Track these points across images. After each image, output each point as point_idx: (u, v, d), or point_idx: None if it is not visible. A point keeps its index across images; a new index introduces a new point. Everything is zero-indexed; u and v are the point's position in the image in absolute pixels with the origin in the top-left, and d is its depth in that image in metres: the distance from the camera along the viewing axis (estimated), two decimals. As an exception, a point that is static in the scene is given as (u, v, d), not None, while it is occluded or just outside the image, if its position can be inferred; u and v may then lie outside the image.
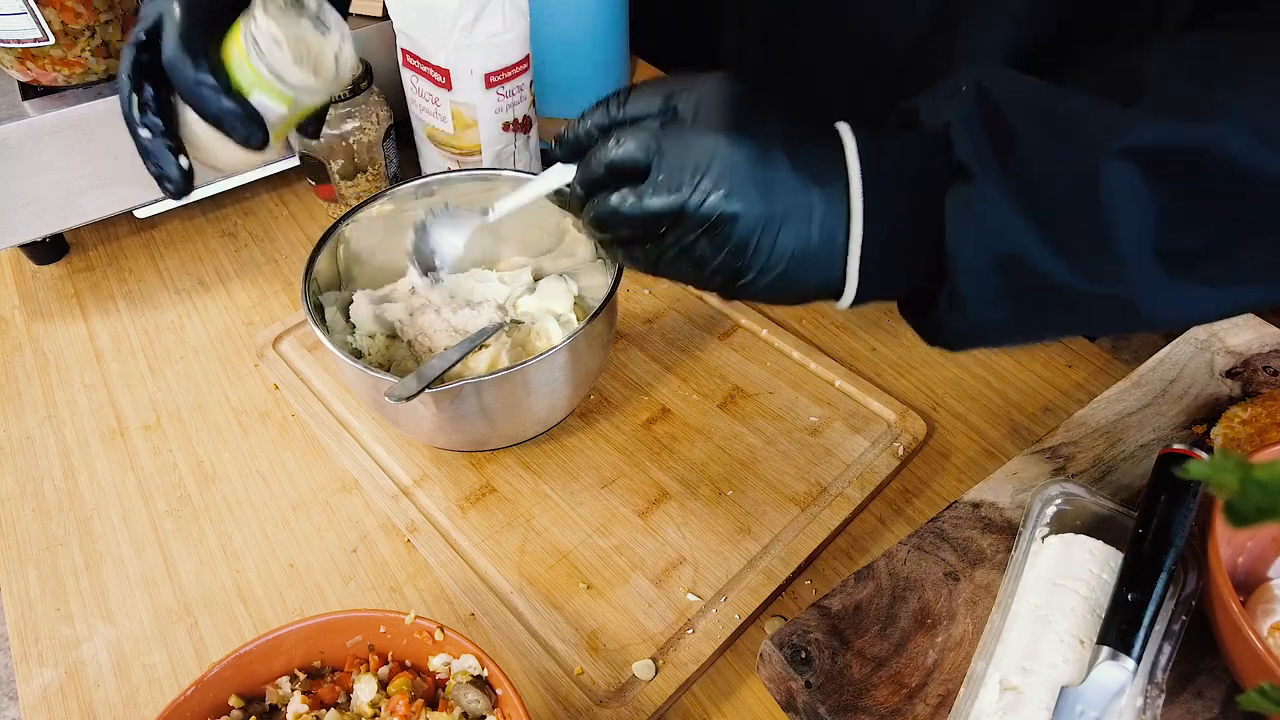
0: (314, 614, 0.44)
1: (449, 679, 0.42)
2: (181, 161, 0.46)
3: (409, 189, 0.63)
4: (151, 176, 0.46)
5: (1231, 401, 0.56)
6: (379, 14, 0.79)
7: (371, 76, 0.75)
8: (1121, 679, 0.41)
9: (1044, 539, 0.48)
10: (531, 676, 0.49)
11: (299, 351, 0.68)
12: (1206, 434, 0.54)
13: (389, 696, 0.42)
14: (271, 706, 0.43)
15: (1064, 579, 0.45)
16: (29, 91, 0.69)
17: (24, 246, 0.75)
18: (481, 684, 0.41)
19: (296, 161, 0.79)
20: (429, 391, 0.49)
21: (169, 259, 0.78)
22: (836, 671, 0.44)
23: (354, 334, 0.62)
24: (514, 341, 0.61)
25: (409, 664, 0.44)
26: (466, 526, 0.57)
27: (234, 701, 0.42)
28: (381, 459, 0.61)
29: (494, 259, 0.68)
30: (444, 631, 0.42)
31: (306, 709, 0.41)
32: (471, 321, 0.62)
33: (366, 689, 0.42)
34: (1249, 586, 0.46)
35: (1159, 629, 0.43)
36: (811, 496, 0.58)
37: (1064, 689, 0.41)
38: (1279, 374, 0.57)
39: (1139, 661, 0.41)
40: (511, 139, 0.74)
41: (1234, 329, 0.60)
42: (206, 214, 0.83)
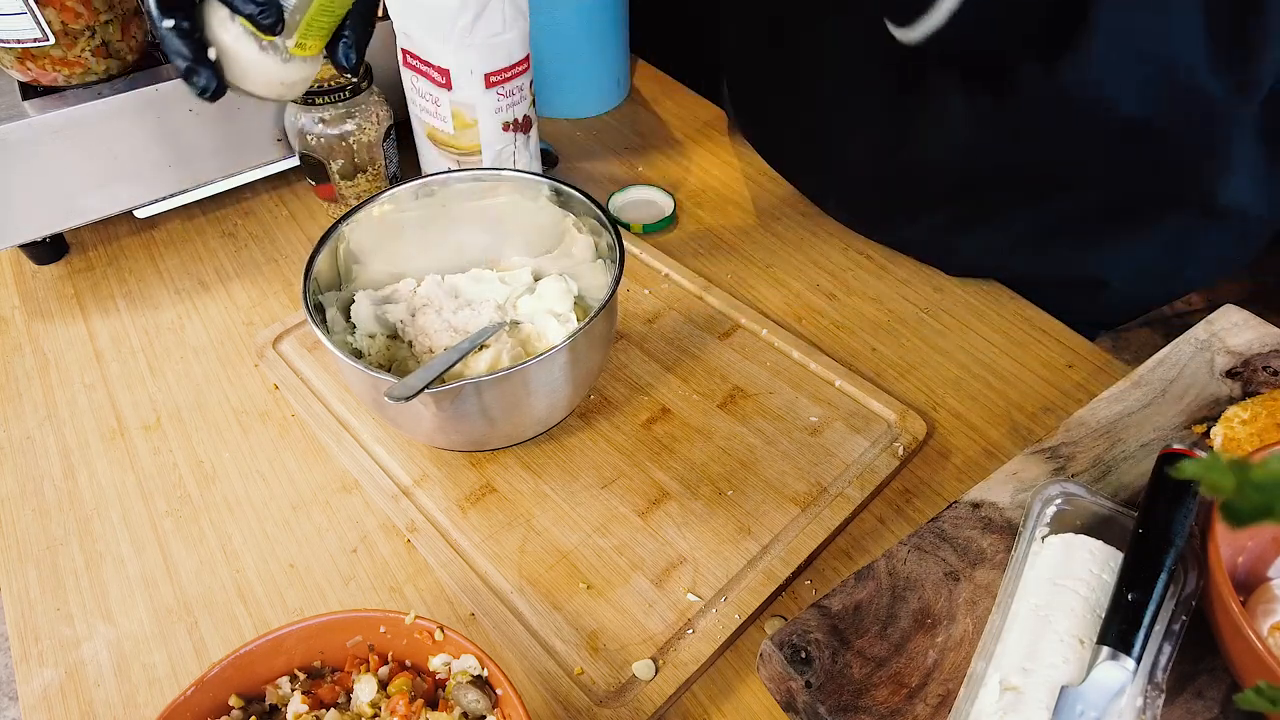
0: (314, 614, 0.44)
1: (449, 679, 0.42)
2: (210, 53, 0.48)
3: (409, 189, 0.63)
4: (181, 78, 0.49)
5: (1231, 401, 0.56)
6: (379, 14, 0.79)
7: (371, 76, 0.75)
8: (1121, 679, 0.41)
9: (1044, 539, 0.48)
10: (531, 676, 0.49)
11: (299, 351, 0.68)
12: (1206, 434, 0.54)
13: (389, 696, 0.42)
14: (271, 706, 0.43)
15: (1064, 579, 0.45)
16: (29, 91, 0.69)
17: (24, 246, 0.75)
18: (481, 684, 0.41)
19: (296, 161, 0.79)
20: (429, 391, 0.49)
21: (169, 259, 0.78)
22: (836, 671, 0.44)
23: (354, 334, 0.62)
24: (514, 341, 0.61)
25: (409, 664, 0.44)
26: (466, 526, 0.57)
27: (234, 701, 0.42)
28: (381, 459, 0.61)
29: (494, 259, 0.68)
30: (444, 631, 0.42)
31: (306, 709, 0.41)
32: (471, 321, 0.62)
33: (366, 689, 0.42)
34: (1249, 586, 0.46)
35: (1159, 629, 0.43)
36: (811, 496, 0.58)
37: (1064, 689, 0.41)
38: (1279, 374, 0.57)
39: (1139, 661, 0.41)
40: (511, 139, 0.74)
41: (1234, 329, 0.60)
42: (206, 214, 0.83)
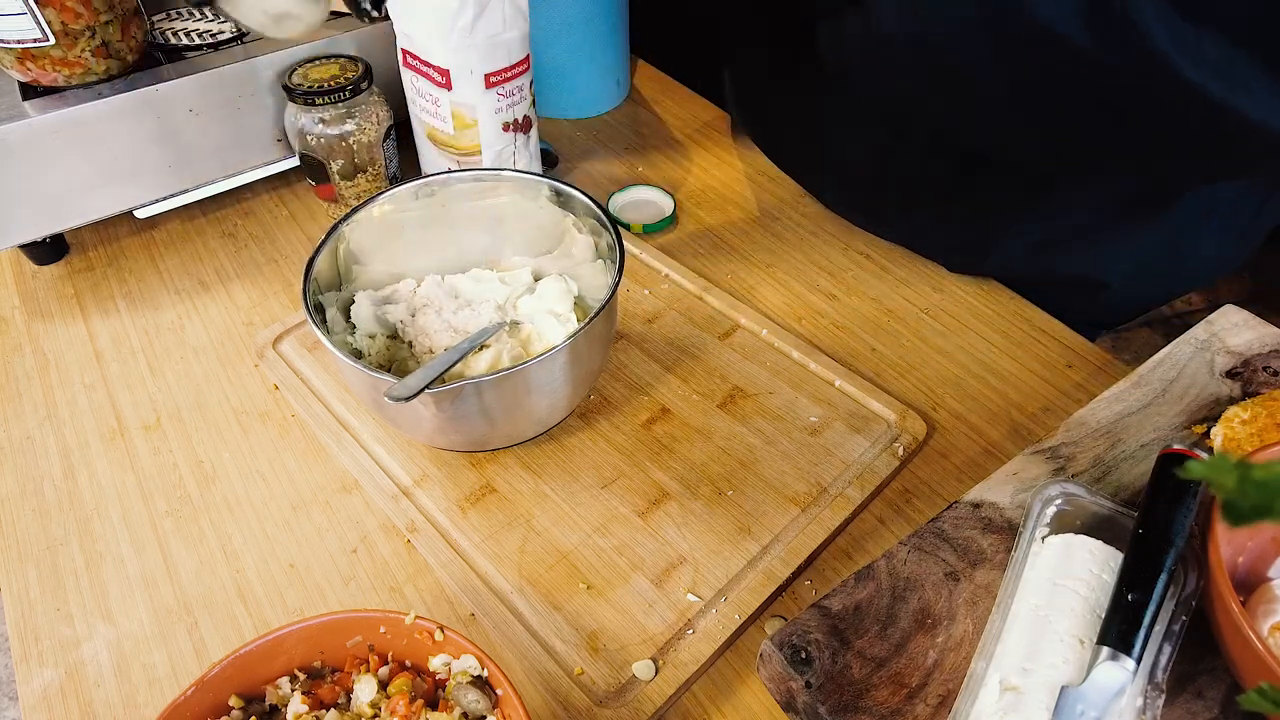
0: (314, 614, 0.44)
1: (449, 679, 0.42)
2: None
3: (409, 189, 0.63)
4: None
5: (1231, 401, 0.56)
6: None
7: (371, 76, 0.75)
8: (1121, 679, 0.41)
9: (1044, 539, 0.48)
10: (531, 677, 0.49)
11: (299, 351, 0.68)
12: (1206, 434, 0.54)
13: (389, 697, 0.42)
14: (271, 707, 0.43)
15: (1064, 579, 0.45)
16: (29, 91, 0.69)
17: (24, 246, 0.75)
18: (481, 684, 0.41)
19: (296, 161, 0.79)
20: (429, 392, 0.49)
21: (169, 259, 0.78)
22: (836, 672, 0.44)
23: (354, 334, 0.62)
24: (514, 341, 0.61)
25: (409, 664, 0.44)
26: (466, 526, 0.57)
27: (234, 701, 0.42)
28: (381, 459, 0.61)
29: (494, 259, 0.68)
30: (444, 632, 0.42)
31: (306, 709, 0.41)
32: (471, 322, 0.62)
33: (366, 689, 0.42)
34: (1249, 586, 0.46)
35: (1159, 629, 0.43)
36: (811, 496, 0.58)
37: (1064, 689, 0.41)
38: (1279, 374, 0.57)
39: (1139, 661, 0.41)
40: (511, 139, 0.74)
41: (1234, 329, 0.60)
42: (206, 214, 0.83)
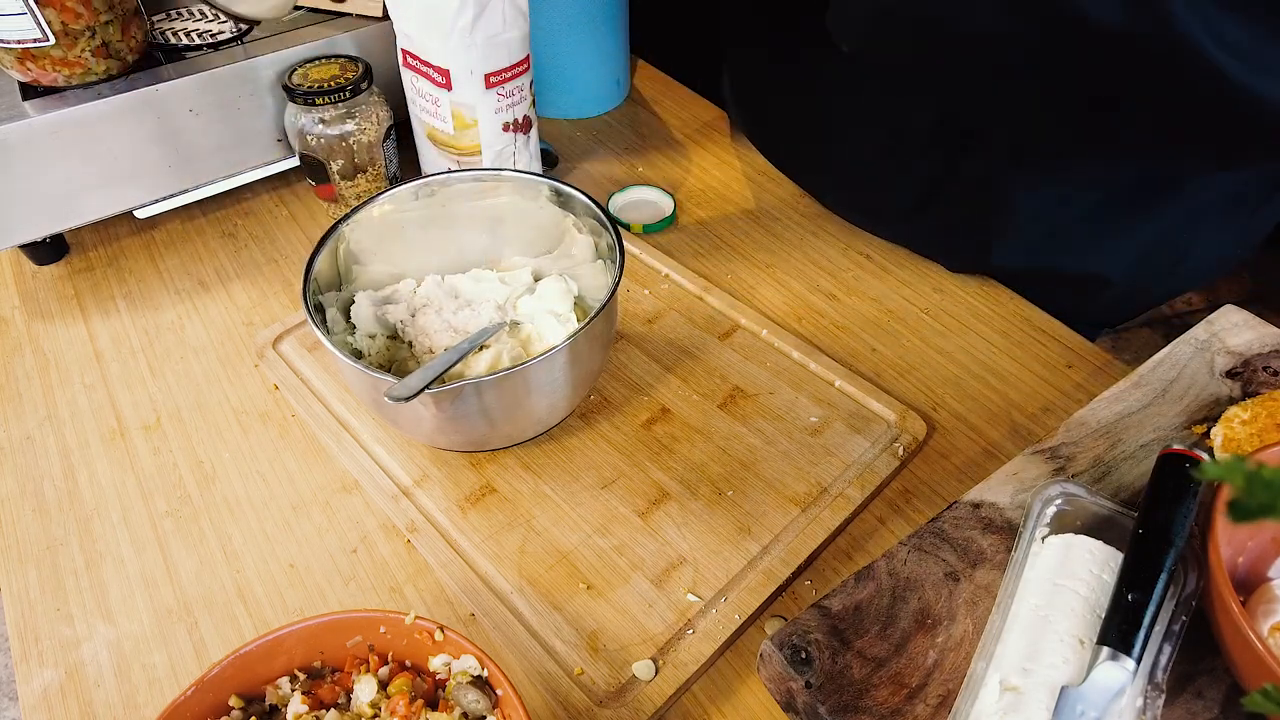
0: (314, 614, 0.44)
1: (449, 679, 0.42)
2: None
3: (409, 189, 0.63)
4: None
5: (1231, 401, 0.56)
6: (379, 14, 0.80)
7: (371, 76, 0.75)
8: (1121, 679, 0.41)
9: (1044, 539, 0.48)
10: (531, 677, 0.49)
11: (299, 352, 0.68)
12: (1206, 434, 0.54)
13: (389, 697, 0.42)
14: (271, 707, 0.43)
15: (1064, 579, 0.45)
16: (29, 91, 0.69)
17: (24, 246, 0.75)
18: (481, 684, 0.41)
19: (296, 161, 0.79)
20: (429, 392, 0.49)
21: (169, 259, 0.78)
22: (836, 672, 0.44)
23: (354, 334, 0.62)
24: (514, 342, 0.61)
25: (409, 664, 0.44)
26: (466, 527, 0.57)
27: (234, 702, 0.42)
28: (381, 459, 0.61)
29: (494, 259, 0.68)
30: (444, 632, 0.42)
31: (306, 709, 0.41)
32: (471, 322, 0.62)
33: (366, 689, 0.42)
34: (1249, 586, 0.46)
35: (1159, 629, 0.43)
36: (811, 497, 0.58)
37: (1064, 689, 0.41)
38: (1279, 374, 0.57)
39: (1139, 662, 0.41)
40: (511, 139, 0.74)
41: (1234, 329, 0.60)
42: (206, 214, 0.83)
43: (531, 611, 0.52)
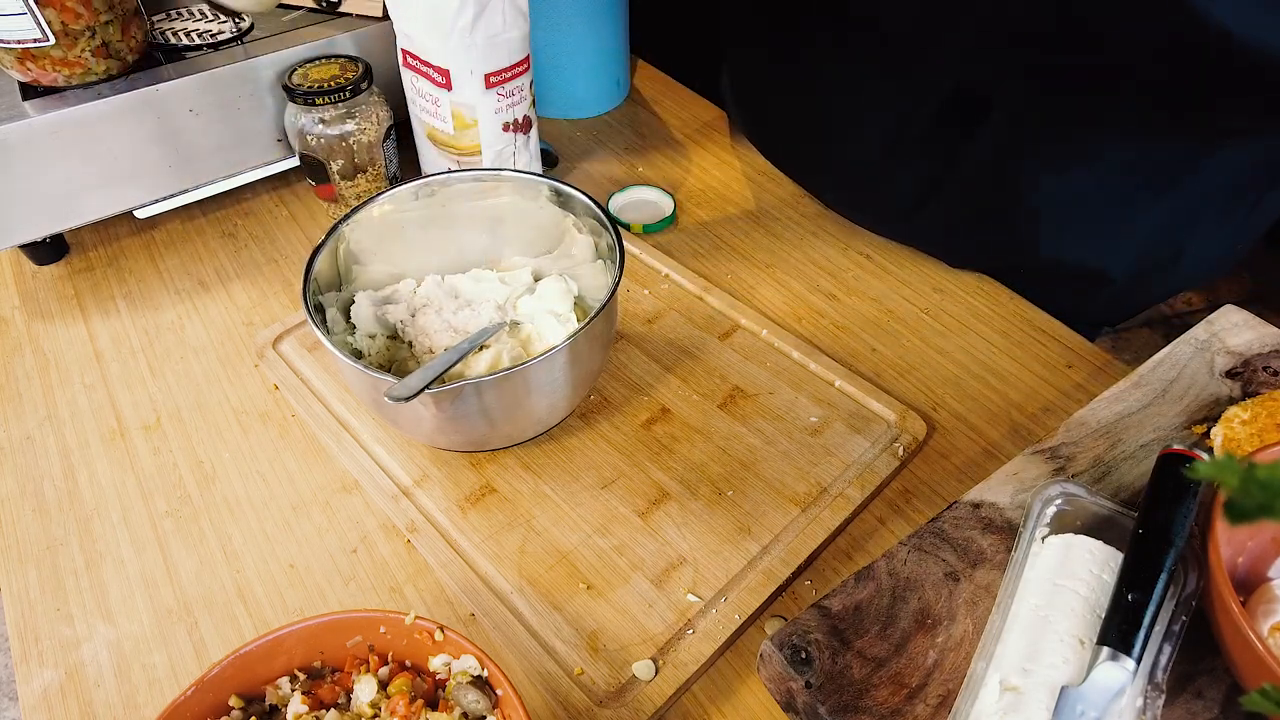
0: (314, 614, 0.44)
1: (449, 679, 0.42)
2: None
3: (409, 189, 0.63)
4: None
5: (1231, 401, 0.56)
6: (379, 14, 0.80)
7: (371, 76, 0.75)
8: (1121, 679, 0.41)
9: (1044, 539, 0.48)
10: (531, 677, 0.49)
11: (299, 351, 0.68)
12: (1206, 434, 0.54)
13: (389, 697, 0.42)
14: (271, 707, 0.43)
15: (1064, 579, 0.45)
16: (29, 91, 0.69)
17: (24, 246, 0.75)
18: (481, 684, 0.41)
19: (296, 161, 0.79)
20: (429, 392, 0.49)
21: (169, 259, 0.78)
22: (836, 672, 0.44)
23: (354, 334, 0.62)
24: (514, 342, 0.61)
25: (409, 664, 0.44)
26: (466, 527, 0.57)
27: (234, 702, 0.42)
28: (381, 459, 0.61)
29: (494, 259, 0.68)
30: (444, 632, 0.42)
31: (306, 709, 0.41)
32: (471, 322, 0.62)
33: (366, 689, 0.42)
34: (1249, 586, 0.46)
35: (1159, 629, 0.43)
36: (811, 497, 0.58)
37: (1064, 689, 0.41)
38: (1279, 374, 0.57)
39: (1139, 662, 0.41)
40: (511, 139, 0.74)
41: (1234, 329, 0.60)
42: (206, 214, 0.83)
43: (531, 611, 0.52)
